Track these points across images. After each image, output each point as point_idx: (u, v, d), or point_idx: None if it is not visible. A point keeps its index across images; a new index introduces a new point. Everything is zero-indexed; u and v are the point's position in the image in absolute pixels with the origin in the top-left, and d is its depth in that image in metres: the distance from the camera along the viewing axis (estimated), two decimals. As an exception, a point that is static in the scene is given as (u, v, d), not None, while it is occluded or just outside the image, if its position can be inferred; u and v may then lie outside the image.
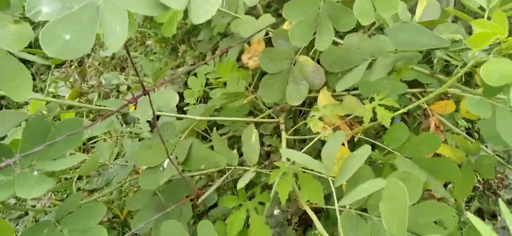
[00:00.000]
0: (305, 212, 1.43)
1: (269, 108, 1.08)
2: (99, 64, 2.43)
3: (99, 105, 0.75)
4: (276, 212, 1.08)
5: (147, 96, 0.61)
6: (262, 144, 1.24)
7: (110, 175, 1.09)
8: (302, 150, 0.71)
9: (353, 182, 0.60)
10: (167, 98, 0.66)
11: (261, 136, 1.23)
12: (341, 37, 0.85)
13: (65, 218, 0.77)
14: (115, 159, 1.16)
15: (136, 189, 1.08)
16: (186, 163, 0.73)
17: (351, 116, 0.84)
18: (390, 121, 0.71)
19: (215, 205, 1.18)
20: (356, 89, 1.00)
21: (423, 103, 0.94)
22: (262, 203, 0.71)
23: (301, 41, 0.69)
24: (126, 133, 1.56)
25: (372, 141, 0.77)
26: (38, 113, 0.81)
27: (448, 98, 1.04)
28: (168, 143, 0.76)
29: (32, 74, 2.07)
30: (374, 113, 0.71)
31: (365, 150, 0.55)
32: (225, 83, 1.19)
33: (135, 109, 0.71)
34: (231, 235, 0.67)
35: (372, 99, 0.69)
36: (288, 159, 0.73)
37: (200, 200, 0.72)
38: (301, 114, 1.29)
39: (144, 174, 0.74)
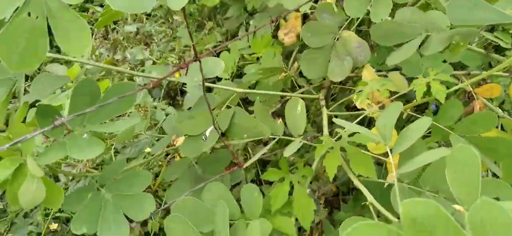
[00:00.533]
0: (332, 195, 1.43)
1: (300, 86, 1.06)
2: (123, 39, 2.43)
3: (139, 63, 0.74)
4: (307, 191, 1.07)
5: (197, 62, 0.60)
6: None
7: (143, 145, 1.10)
8: (346, 129, 0.70)
9: (407, 155, 0.59)
10: (212, 65, 0.65)
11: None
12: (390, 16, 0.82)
13: (109, 184, 0.77)
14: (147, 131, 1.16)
15: (168, 161, 1.08)
16: (228, 132, 0.72)
17: (396, 95, 0.82)
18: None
19: (237, 185, 1.17)
20: (396, 69, 0.98)
21: (468, 86, 0.91)
22: (304, 177, 0.70)
23: (358, 12, 0.66)
24: (152, 106, 1.57)
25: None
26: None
27: (488, 82, 1.00)
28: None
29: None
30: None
31: (424, 122, 0.53)
32: (258, 59, 1.17)
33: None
34: (275, 207, 0.66)
35: (425, 75, 0.67)
36: (331, 134, 0.71)
37: (244, 166, 0.71)
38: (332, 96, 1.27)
39: (186, 142, 0.74)
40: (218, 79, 1.25)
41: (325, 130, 0.76)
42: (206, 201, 0.63)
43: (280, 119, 0.73)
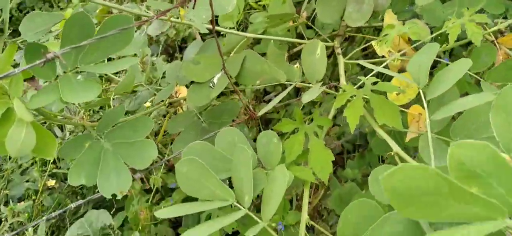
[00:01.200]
0: (336, 154, 1.39)
1: (311, 37, 0.99)
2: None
3: (136, 18, 0.66)
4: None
5: (206, -7, 0.52)
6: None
7: (143, 98, 1.03)
8: (371, 74, 0.63)
9: (437, 103, 0.53)
10: (224, 1, 0.57)
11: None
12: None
13: (108, 132, 0.71)
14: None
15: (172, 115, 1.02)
16: (239, 78, 0.66)
17: (417, 43, 0.75)
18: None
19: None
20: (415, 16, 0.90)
21: (491, 36, 0.84)
22: (320, 127, 0.65)
23: None
24: (150, 63, 1.49)
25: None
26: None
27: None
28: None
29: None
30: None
31: (463, 63, 0.47)
32: (264, 7, 1.09)
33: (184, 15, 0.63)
34: (290, 158, 0.61)
35: (460, 15, 0.60)
36: (353, 84, 0.65)
37: (259, 114, 0.65)
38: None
39: (192, 90, 0.67)
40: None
41: (342, 79, 0.69)
42: (221, 149, 0.57)
43: (298, 65, 0.66)
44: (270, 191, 0.46)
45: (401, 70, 0.77)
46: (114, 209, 1.08)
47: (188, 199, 1.13)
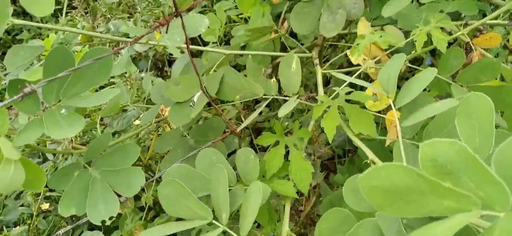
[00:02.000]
0: (328, 159, 1.40)
1: (291, 47, 1.01)
2: (106, 11, 2.32)
3: (123, 35, 0.68)
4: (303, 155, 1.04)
5: (179, 18, 0.54)
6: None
7: (131, 118, 1.04)
8: (344, 84, 0.65)
9: (409, 110, 0.55)
10: (196, 21, 0.59)
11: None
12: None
13: (96, 160, 0.73)
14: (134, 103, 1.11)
15: (159, 133, 1.04)
16: (219, 94, 0.67)
17: (391, 49, 0.77)
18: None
19: (234, 152, 1.14)
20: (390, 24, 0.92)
21: (465, 37, 0.86)
22: (300, 139, 0.66)
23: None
24: (139, 79, 1.50)
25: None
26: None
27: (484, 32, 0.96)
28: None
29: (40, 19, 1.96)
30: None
31: (429, 72, 0.49)
32: (246, 21, 1.11)
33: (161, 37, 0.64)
34: (271, 172, 0.62)
35: (426, 22, 0.62)
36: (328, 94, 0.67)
37: (238, 129, 0.66)
38: (325, 58, 1.21)
39: (173, 110, 0.69)
40: (204, 45, 1.19)
41: (320, 90, 0.71)
42: (200, 169, 0.59)
43: (274, 79, 0.68)
44: (247, 207, 0.48)
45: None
46: (108, 228, 1.09)
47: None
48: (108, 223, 0.66)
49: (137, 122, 1.11)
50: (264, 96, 0.66)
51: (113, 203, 0.67)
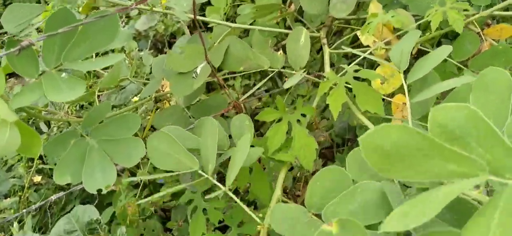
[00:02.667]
0: (326, 147, 1.40)
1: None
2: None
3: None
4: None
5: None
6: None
7: (130, 92, 1.03)
8: (354, 62, 0.65)
9: (421, 87, 0.54)
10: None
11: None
12: None
13: (94, 129, 0.72)
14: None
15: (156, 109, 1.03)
16: (223, 65, 0.66)
17: (401, 32, 0.77)
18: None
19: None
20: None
21: (476, 27, 0.86)
22: (304, 116, 0.66)
23: None
24: (138, 58, 1.49)
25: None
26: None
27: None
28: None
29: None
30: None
31: (443, 49, 0.49)
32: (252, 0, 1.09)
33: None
34: (273, 148, 0.62)
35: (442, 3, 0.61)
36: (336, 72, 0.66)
37: (241, 100, 0.65)
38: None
39: (176, 80, 0.68)
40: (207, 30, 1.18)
41: (327, 68, 0.70)
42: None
43: (281, 51, 0.67)
44: (233, 160, 0.48)
45: (387, 60, 0.78)
46: (100, 205, 1.09)
47: (176, 194, 1.14)
48: (104, 192, 0.65)
49: (136, 98, 1.10)
50: (269, 69, 0.66)
51: (110, 171, 0.66)
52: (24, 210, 0.84)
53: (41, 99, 1.03)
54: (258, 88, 0.63)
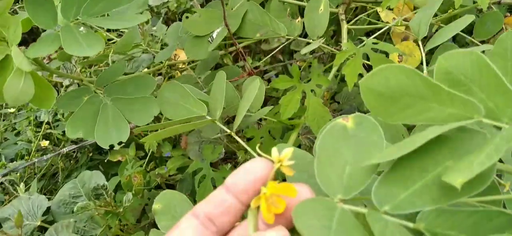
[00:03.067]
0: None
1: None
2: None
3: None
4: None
5: None
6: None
7: (142, 61, 1.04)
8: (373, 35, 0.65)
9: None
10: None
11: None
12: None
13: (108, 87, 0.72)
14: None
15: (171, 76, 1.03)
16: (240, 31, 0.67)
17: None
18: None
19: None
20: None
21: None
22: (319, 86, 0.66)
23: None
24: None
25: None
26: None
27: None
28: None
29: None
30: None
31: (466, 19, 0.49)
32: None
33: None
34: (286, 115, 0.62)
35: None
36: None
37: (257, 65, 0.66)
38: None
39: (191, 43, 0.68)
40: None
41: (345, 35, 0.70)
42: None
43: (299, 19, 0.67)
44: (241, 105, 0.48)
45: (405, 40, 0.78)
46: (105, 175, 1.10)
47: (182, 169, 1.14)
48: (116, 148, 0.66)
49: (146, 70, 1.11)
50: (287, 36, 0.66)
51: (124, 128, 0.66)
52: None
53: (52, 64, 1.04)
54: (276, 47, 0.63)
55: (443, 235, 0.24)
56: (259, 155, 0.29)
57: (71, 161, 1.20)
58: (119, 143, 0.65)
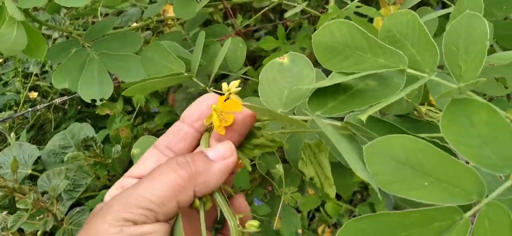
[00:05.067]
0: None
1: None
2: None
3: None
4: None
5: None
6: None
7: (131, 16, 1.06)
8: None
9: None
10: None
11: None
12: None
13: (95, 42, 0.75)
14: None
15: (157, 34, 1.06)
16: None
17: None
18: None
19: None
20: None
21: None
22: (303, 49, 0.70)
23: None
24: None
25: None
26: None
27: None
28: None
29: None
30: None
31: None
32: None
33: None
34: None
35: None
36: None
37: (244, 25, 0.69)
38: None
39: (179, 3, 0.71)
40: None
41: (331, 3, 0.74)
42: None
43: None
44: (215, 62, 0.54)
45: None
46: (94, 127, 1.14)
47: (170, 124, 1.19)
48: (98, 103, 0.70)
49: (135, 24, 1.13)
50: (273, -1, 0.69)
51: (107, 84, 0.70)
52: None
53: (41, 16, 1.06)
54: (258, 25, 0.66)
55: (361, 130, 0.32)
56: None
57: (60, 113, 1.24)
58: (101, 100, 0.69)
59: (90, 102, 0.72)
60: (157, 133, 1.17)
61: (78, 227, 0.79)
